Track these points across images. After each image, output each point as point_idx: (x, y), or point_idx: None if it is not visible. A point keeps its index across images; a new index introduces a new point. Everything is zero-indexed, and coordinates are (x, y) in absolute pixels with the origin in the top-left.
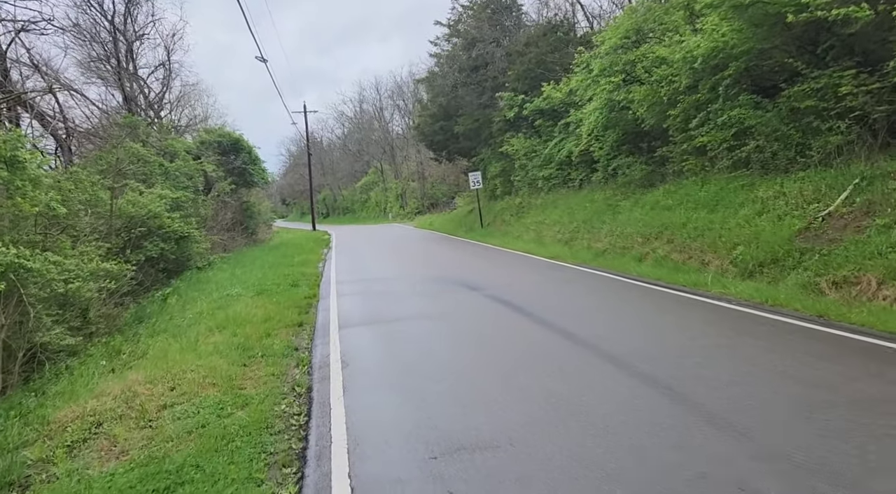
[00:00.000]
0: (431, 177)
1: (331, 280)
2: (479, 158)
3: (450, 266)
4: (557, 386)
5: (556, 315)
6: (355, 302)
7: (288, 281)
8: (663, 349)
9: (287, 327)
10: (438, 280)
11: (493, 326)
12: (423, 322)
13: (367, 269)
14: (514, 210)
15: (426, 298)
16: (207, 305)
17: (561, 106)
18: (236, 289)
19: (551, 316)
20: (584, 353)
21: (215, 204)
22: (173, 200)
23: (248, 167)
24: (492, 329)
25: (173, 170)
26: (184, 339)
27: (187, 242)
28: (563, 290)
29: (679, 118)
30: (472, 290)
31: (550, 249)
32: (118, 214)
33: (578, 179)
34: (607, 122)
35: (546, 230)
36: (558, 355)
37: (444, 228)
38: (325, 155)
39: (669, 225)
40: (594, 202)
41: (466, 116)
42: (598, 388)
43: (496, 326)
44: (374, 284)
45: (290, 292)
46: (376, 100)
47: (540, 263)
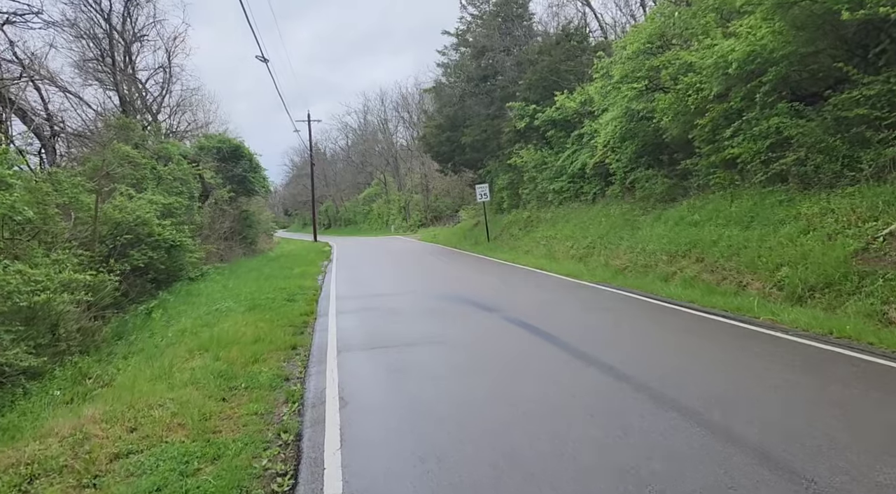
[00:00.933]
0: (435, 190)
1: (330, 295)
2: (486, 170)
3: (459, 282)
4: (625, 457)
5: (594, 345)
6: (356, 321)
7: (284, 295)
8: (746, 399)
9: (279, 350)
10: (448, 298)
11: (521, 359)
12: (436, 350)
13: (370, 284)
14: (523, 224)
15: (436, 319)
16: (193, 321)
17: (574, 116)
18: (227, 304)
19: (589, 347)
20: (649, 405)
21: (212, 211)
22: (165, 206)
23: (248, 175)
24: (521, 363)
25: (166, 174)
26: (158, 364)
27: (179, 251)
28: (590, 313)
29: (707, 128)
30: (488, 311)
31: (565, 266)
32: (103, 220)
33: (592, 193)
34: (625, 133)
35: (558, 245)
36: (617, 406)
37: (448, 241)
38: (328, 166)
39: (698, 242)
40: (610, 217)
41: (474, 127)
42: (689, 462)
43: (525, 359)
44: (378, 301)
45: (286, 308)
46: (381, 112)
47: (556, 281)
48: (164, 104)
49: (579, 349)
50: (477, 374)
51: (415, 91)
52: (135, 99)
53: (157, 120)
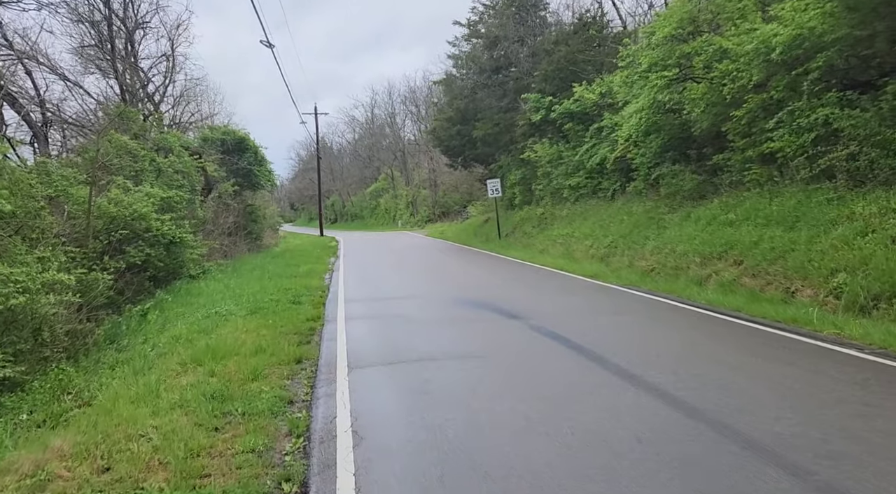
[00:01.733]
0: (443, 185)
1: (338, 297)
2: (498, 165)
3: (476, 283)
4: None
5: (640, 362)
6: (368, 329)
7: (289, 296)
8: (844, 439)
9: (282, 364)
10: (467, 302)
11: (558, 379)
12: (461, 367)
13: (381, 284)
14: (536, 221)
15: (457, 328)
16: (189, 327)
17: (594, 109)
18: (228, 306)
19: (635, 366)
20: (738, 452)
21: (215, 206)
22: (164, 200)
23: (253, 168)
24: (560, 384)
25: (166, 166)
26: (145, 380)
27: (179, 248)
28: (625, 322)
29: (743, 120)
30: (512, 318)
31: (585, 266)
32: (97, 214)
33: (611, 189)
34: (650, 126)
35: (576, 244)
36: (695, 452)
37: (457, 238)
38: (334, 160)
39: (735, 243)
40: (633, 215)
41: (486, 120)
42: None
43: (564, 380)
44: (391, 305)
45: (291, 312)
46: (388, 105)
47: (580, 283)
48: (166, 94)
49: (622, 366)
50: (512, 399)
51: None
52: (136, 88)
53: (159, 110)
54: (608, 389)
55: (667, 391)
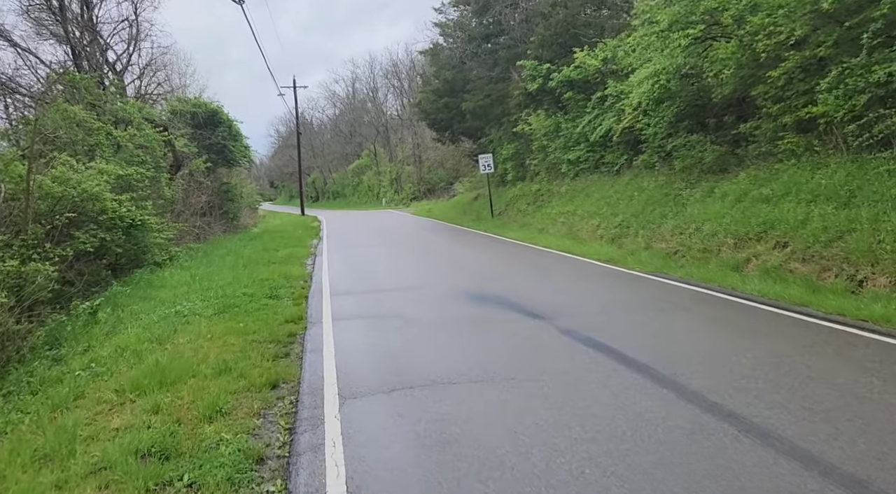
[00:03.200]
0: (428, 161)
1: (323, 289)
2: (489, 139)
3: (478, 270)
4: None
5: (730, 391)
6: (361, 335)
7: (265, 288)
8: None
9: (252, 391)
10: (473, 295)
11: (630, 417)
12: (487, 395)
13: (370, 272)
14: (531, 198)
15: (469, 334)
16: (141, 332)
17: (596, 76)
18: (192, 302)
19: (725, 395)
20: None
21: (186, 185)
22: (121, 178)
23: (227, 143)
24: (635, 426)
25: (125, 140)
26: (62, 423)
27: (141, 231)
28: (675, 323)
29: (780, 82)
30: (534, 319)
31: (595, 248)
32: (40, 195)
33: (617, 163)
34: (663, 93)
35: (580, 223)
36: None
37: (445, 216)
38: (315, 136)
39: (776, 222)
40: (644, 191)
41: (476, 92)
42: None
43: (637, 417)
44: (384, 300)
45: (267, 311)
46: (370, 80)
47: (597, 270)
48: (130, 63)
49: (707, 395)
50: (575, 455)
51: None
52: (95, 56)
53: (121, 79)
54: (708, 436)
55: (793, 441)
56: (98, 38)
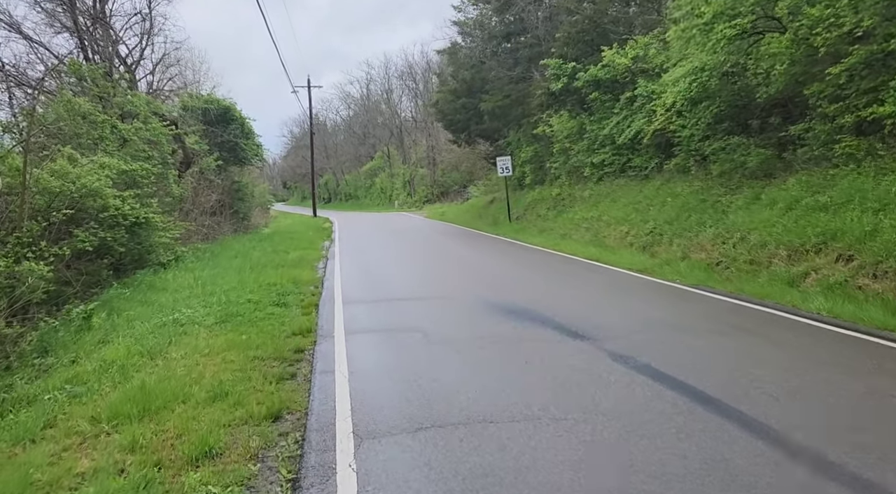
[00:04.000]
0: (442, 164)
1: (335, 296)
2: (507, 141)
3: (502, 279)
4: None
5: (846, 447)
6: (378, 354)
7: (272, 295)
8: None
9: (250, 423)
10: (502, 308)
11: (719, 483)
12: (536, 440)
13: (385, 278)
14: (551, 202)
15: (503, 357)
16: (132, 344)
17: (625, 75)
18: (193, 309)
19: (846, 455)
20: None
21: (195, 182)
22: (125, 174)
23: (239, 141)
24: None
25: (130, 134)
26: (24, 460)
27: (145, 230)
28: (745, 350)
29: (841, 79)
30: (576, 339)
31: (625, 257)
32: (37, 190)
33: (645, 167)
34: (701, 93)
35: (606, 230)
36: None
37: (460, 220)
38: (328, 137)
39: (838, 233)
40: (678, 196)
41: (495, 92)
42: None
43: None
44: (402, 311)
45: (272, 321)
46: (385, 81)
47: (633, 281)
48: (143, 57)
49: (810, 449)
50: None
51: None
52: (106, 47)
53: (132, 73)
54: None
55: None
56: (110, 31)
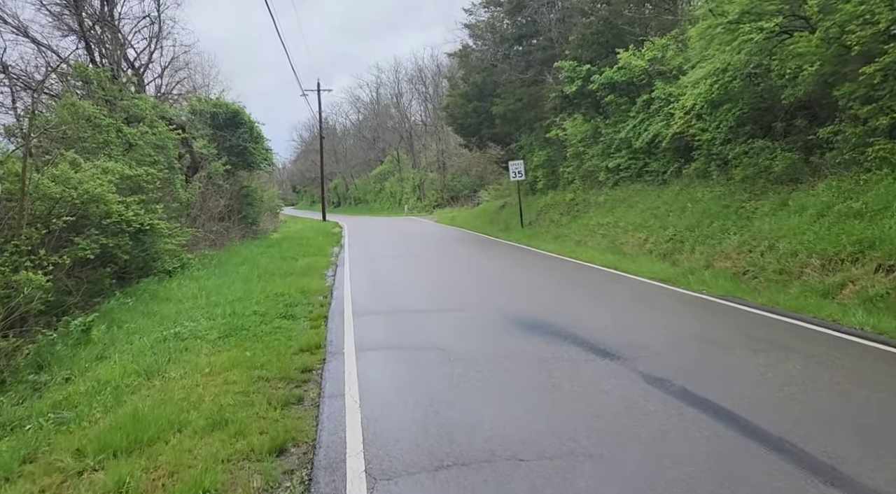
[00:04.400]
0: (452, 168)
1: (345, 307)
2: (518, 145)
3: (521, 289)
4: None
5: None
6: (393, 375)
7: (280, 305)
8: None
9: (251, 459)
10: (523, 322)
11: None
12: (572, 480)
13: (398, 288)
14: (565, 208)
15: (532, 380)
16: (129, 362)
17: (642, 77)
18: (196, 322)
19: None
20: None
21: (203, 187)
22: (130, 179)
23: (248, 145)
24: None
25: (136, 138)
26: None
27: (150, 237)
28: (787, 369)
29: (876, 79)
30: (607, 358)
31: (645, 265)
32: (37, 196)
33: (664, 171)
34: (723, 95)
35: (623, 236)
36: None
37: (471, 225)
38: (338, 142)
39: (876, 241)
40: (699, 202)
41: (507, 95)
42: None
43: None
44: (417, 324)
45: (279, 336)
46: (394, 85)
47: (657, 291)
48: (151, 60)
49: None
50: None
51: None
52: (114, 51)
53: (140, 77)
54: None
55: None
56: (118, 35)
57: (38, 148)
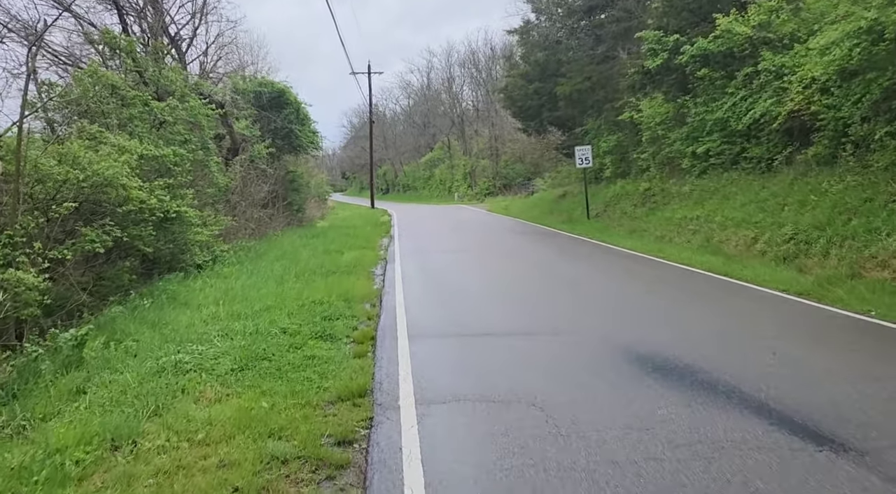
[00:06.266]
0: (505, 155)
1: (397, 324)
2: (584, 130)
3: (621, 302)
4: None
5: None
6: (478, 459)
7: (317, 317)
8: None
9: None
10: (652, 363)
11: None
12: None
13: (460, 295)
14: (639, 198)
15: (708, 487)
16: (91, 418)
17: (745, 46)
18: (206, 346)
19: None
20: None
21: (244, 171)
22: (155, 160)
23: (294, 127)
24: None
25: (165, 113)
26: None
27: (178, 226)
28: None
29: None
30: (825, 448)
31: (760, 271)
32: (37, 177)
33: (768, 158)
34: (862, 62)
35: (721, 233)
36: None
37: (528, 215)
38: (388, 128)
39: None
40: (825, 194)
41: (573, 74)
42: None
43: None
44: (499, 359)
45: (310, 373)
46: (446, 70)
47: (801, 309)
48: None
49: None
50: None
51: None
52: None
53: (181, 51)
54: None
55: None
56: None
57: (57, 124)
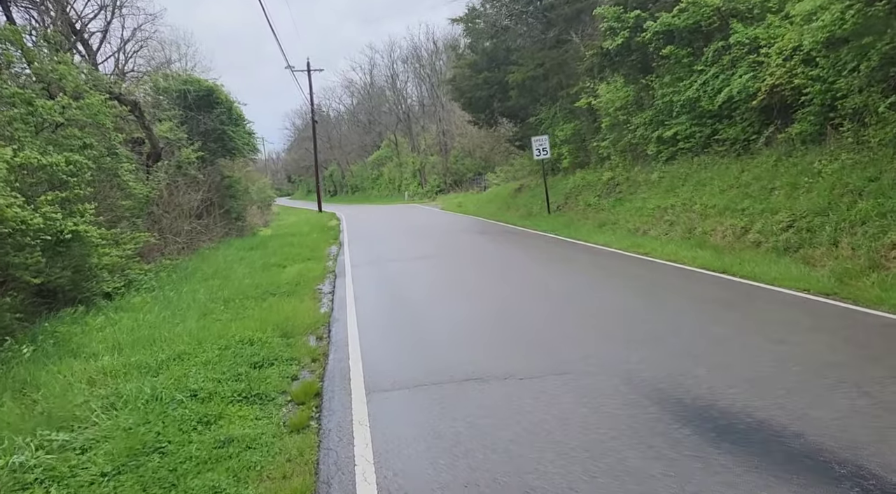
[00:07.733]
0: (455, 150)
1: (351, 370)
2: (538, 119)
3: (622, 323)
4: None
5: None
6: None
7: (243, 366)
8: None
9: None
10: (706, 424)
11: None
12: None
13: (429, 320)
14: (602, 189)
15: None
16: None
17: (711, 19)
18: (73, 433)
19: None
20: None
21: (169, 179)
22: (43, 169)
23: (226, 129)
24: None
25: (54, 112)
26: None
27: (77, 248)
28: None
29: None
30: None
31: (765, 267)
32: None
33: (743, 139)
34: (854, 29)
35: (703, 223)
36: None
37: (485, 212)
38: (332, 128)
39: None
40: (819, 175)
41: (524, 62)
42: None
43: None
44: (493, 424)
45: (221, 467)
46: (389, 65)
47: (848, 321)
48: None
49: None
50: None
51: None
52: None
53: (88, 45)
54: None
55: None
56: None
57: None
